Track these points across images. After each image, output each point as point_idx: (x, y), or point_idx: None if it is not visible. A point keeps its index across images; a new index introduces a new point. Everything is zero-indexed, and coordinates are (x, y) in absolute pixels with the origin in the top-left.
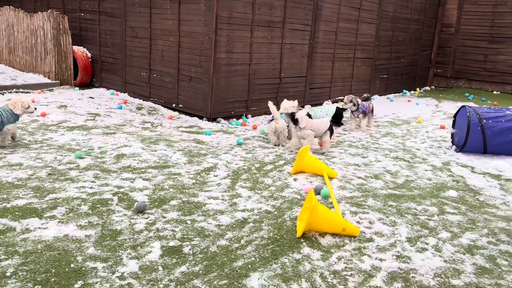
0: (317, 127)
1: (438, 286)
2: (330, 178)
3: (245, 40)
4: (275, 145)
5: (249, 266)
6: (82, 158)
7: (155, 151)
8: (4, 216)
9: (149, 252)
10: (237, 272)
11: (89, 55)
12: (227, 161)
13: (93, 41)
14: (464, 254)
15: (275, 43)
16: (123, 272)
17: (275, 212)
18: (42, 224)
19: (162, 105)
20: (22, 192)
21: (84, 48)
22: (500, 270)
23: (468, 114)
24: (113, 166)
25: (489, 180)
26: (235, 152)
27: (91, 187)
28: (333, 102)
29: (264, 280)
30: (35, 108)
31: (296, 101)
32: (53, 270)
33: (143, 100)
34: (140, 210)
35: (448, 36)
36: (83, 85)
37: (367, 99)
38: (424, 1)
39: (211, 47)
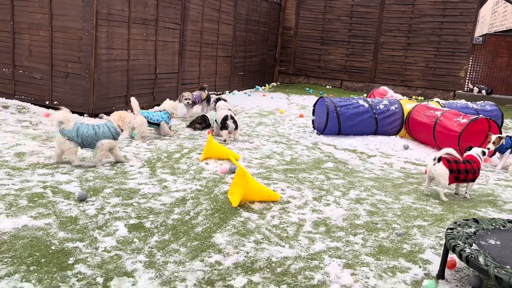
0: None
1: (348, 225)
2: (236, 160)
3: (123, 37)
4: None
5: (208, 230)
6: None
7: (54, 147)
8: None
9: (117, 230)
10: (201, 235)
11: None
12: (133, 153)
13: None
14: (355, 204)
15: (150, 40)
16: (105, 247)
17: (205, 190)
18: None
19: (32, 103)
20: None
21: None
22: (382, 211)
23: (326, 103)
24: (21, 164)
25: (350, 154)
26: (136, 144)
27: (13, 184)
28: None
29: (227, 237)
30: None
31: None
32: (37, 253)
33: (6, 98)
34: (83, 199)
35: (289, 38)
36: None
37: (201, 89)
38: (269, 5)
39: (91, 43)
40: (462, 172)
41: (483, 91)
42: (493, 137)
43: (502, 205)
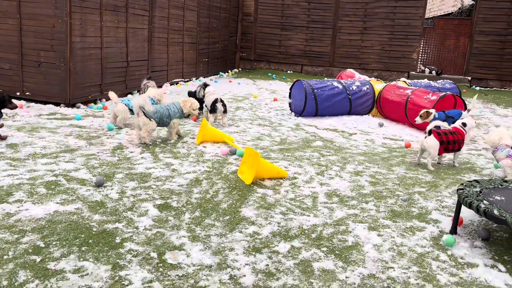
0: None
1: (357, 195)
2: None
3: (95, 24)
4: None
5: (233, 206)
6: None
7: (44, 138)
8: None
9: (147, 210)
10: (229, 211)
11: None
12: (127, 140)
13: None
14: (356, 176)
15: (121, 27)
16: (144, 226)
17: (214, 171)
18: (18, 207)
19: None
20: None
21: None
22: (382, 181)
23: (304, 86)
24: (19, 155)
25: (332, 132)
26: (126, 132)
27: (21, 174)
28: (171, 84)
29: (254, 211)
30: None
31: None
32: (82, 235)
33: None
34: (100, 184)
35: (249, 24)
36: None
37: (149, 79)
38: None
39: (66, 30)
40: (451, 143)
41: (433, 72)
42: (421, 111)
43: (480, 171)
